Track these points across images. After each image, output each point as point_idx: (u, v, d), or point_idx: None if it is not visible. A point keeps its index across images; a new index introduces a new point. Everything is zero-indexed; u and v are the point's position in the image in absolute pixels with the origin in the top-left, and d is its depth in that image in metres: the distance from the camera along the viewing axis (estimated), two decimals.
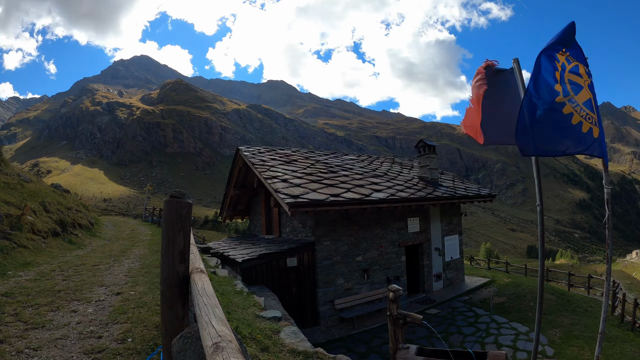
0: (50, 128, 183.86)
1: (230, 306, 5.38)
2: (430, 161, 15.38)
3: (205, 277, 2.10)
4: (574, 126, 3.15)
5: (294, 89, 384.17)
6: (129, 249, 10.29)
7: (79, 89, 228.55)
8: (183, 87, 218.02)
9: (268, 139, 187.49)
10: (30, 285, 5.27)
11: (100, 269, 7.07)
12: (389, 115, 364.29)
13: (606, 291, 3.83)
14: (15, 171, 13.14)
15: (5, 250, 6.90)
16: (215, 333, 1.29)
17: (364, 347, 9.20)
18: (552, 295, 13.31)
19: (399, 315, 4.66)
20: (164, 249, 2.05)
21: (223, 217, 16.50)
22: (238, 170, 14.22)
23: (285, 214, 12.33)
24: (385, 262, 12.39)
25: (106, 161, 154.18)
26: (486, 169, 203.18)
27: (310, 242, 10.79)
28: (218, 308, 1.59)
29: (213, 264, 9.42)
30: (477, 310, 11.79)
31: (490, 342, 9.24)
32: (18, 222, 8.16)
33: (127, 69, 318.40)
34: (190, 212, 2.11)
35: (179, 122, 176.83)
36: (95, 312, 4.37)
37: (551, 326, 10.21)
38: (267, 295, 8.29)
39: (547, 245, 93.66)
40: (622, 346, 9.09)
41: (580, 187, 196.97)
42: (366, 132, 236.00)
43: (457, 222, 15.55)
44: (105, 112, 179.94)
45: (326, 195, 10.16)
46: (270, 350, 3.95)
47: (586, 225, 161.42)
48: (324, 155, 15.88)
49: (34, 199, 10.50)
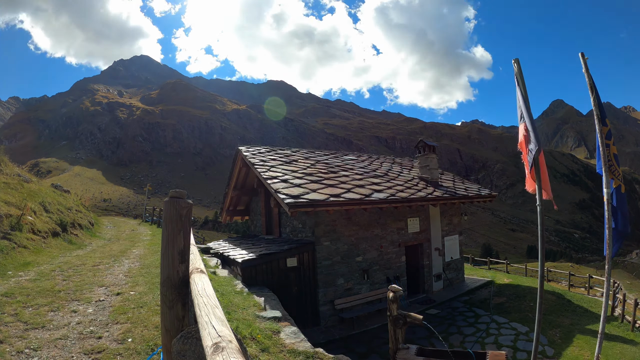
0: (51, 128, 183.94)
1: (230, 306, 5.38)
2: (430, 161, 15.38)
3: (205, 277, 2.10)
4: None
5: (294, 89, 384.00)
6: (128, 249, 10.29)
7: (79, 89, 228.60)
8: (183, 87, 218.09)
9: (268, 139, 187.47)
10: (30, 286, 5.27)
11: (100, 269, 7.07)
12: (389, 116, 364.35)
13: (606, 291, 3.84)
14: (15, 171, 13.13)
15: (5, 250, 6.90)
16: (215, 333, 1.29)
17: (364, 347, 9.20)
18: (552, 295, 13.31)
19: (399, 316, 4.66)
20: (163, 249, 2.05)
21: (223, 217, 16.49)
22: (238, 171, 14.21)
23: (285, 214, 12.33)
24: (385, 263, 12.38)
25: (106, 161, 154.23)
26: (486, 169, 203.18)
27: (310, 242, 10.78)
28: (218, 308, 1.59)
29: (213, 264, 9.42)
30: (477, 310, 11.78)
31: (490, 342, 9.24)
32: (18, 222, 8.16)
33: (127, 69, 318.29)
34: (190, 213, 2.11)
35: (178, 122, 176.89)
36: (95, 312, 4.37)
37: (551, 326, 10.21)
38: (267, 295, 8.29)
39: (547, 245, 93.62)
40: (622, 346, 9.09)
41: (580, 187, 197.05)
42: (366, 132, 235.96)
43: (457, 222, 15.54)
44: (105, 112, 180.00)
45: (326, 195, 10.15)
46: (270, 350, 3.95)
47: (586, 226, 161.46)
48: (324, 155, 15.88)
49: (34, 199, 10.50)
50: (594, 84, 3.97)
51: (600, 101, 4.01)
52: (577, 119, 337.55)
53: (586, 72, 3.94)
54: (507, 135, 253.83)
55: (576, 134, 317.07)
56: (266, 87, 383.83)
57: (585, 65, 3.94)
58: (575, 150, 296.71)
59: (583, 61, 3.97)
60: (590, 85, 3.96)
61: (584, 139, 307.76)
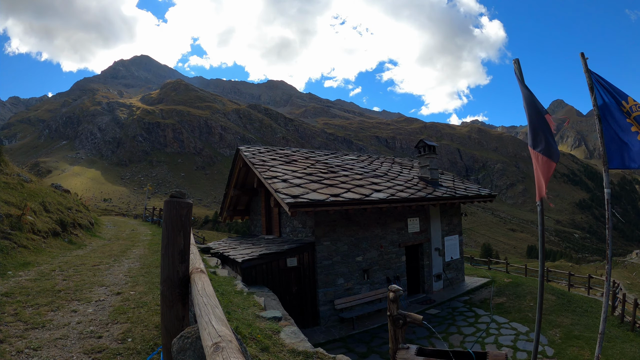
0: (51, 128, 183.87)
1: (230, 306, 5.38)
2: (431, 161, 15.39)
3: (205, 277, 2.10)
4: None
5: (294, 89, 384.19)
6: (129, 249, 10.30)
7: (79, 89, 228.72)
8: (183, 87, 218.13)
9: (268, 139, 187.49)
10: (30, 285, 5.27)
11: (100, 269, 7.07)
12: (389, 116, 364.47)
13: (606, 291, 3.84)
14: (16, 171, 13.13)
15: (5, 250, 6.90)
16: (216, 333, 1.29)
17: (364, 347, 9.20)
18: (552, 295, 13.31)
19: (399, 316, 4.66)
20: (164, 249, 2.05)
21: (223, 217, 16.50)
22: (238, 170, 14.22)
23: (285, 214, 12.33)
24: (386, 262, 12.38)
25: (106, 161, 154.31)
26: (486, 169, 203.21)
27: (310, 242, 10.78)
28: (218, 308, 1.59)
29: (213, 264, 9.42)
30: (477, 310, 11.78)
31: (490, 342, 9.24)
32: (18, 222, 8.17)
33: (127, 69, 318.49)
34: (190, 212, 2.11)
35: (179, 122, 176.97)
36: (96, 312, 4.38)
37: (551, 326, 10.21)
38: (267, 295, 8.29)
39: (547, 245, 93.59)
40: (622, 346, 9.09)
41: (580, 187, 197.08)
42: (366, 132, 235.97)
43: (457, 222, 15.54)
44: (106, 112, 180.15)
45: (326, 195, 10.16)
46: (270, 350, 3.95)
47: (586, 225, 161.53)
48: (324, 155, 15.88)
49: (34, 199, 10.50)
50: (594, 84, 3.98)
51: (614, 89, 3.99)
52: (577, 119, 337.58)
53: (586, 72, 3.95)
54: (508, 136, 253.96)
55: (576, 134, 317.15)
56: (266, 86, 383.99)
57: (586, 65, 3.95)
58: (575, 150, 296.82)
59: (583, 61, 3.98)
60: (590, 86, 3.97)
61: (584, 139, 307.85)
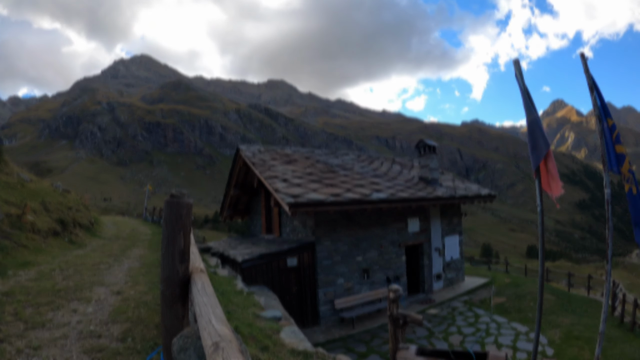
0: (51, 127, 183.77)
1: (230, 306, 5.37)
2: (431, 161, 15.36)
3: (205, 276, 2.10)
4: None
5: (294, 88, 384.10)
6: (129, 249, 10.30)
7: (80, 88, 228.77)
8: (183, 86, 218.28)
9: (268, 138, 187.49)
10: (30, 285, 5.27)
11: (100, 268, 7.07)
12: (389, 116, 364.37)
13: (606, 291, 3.84)
14: (16, 171, 13.13)
15: (5, 250, 6.90)
16: (216, 333, 1.29)
17: (364, 347, 9.20)
18: (552, 295, 13.31)
19: (399, 315, 4.66)
20: (164, 248, 2.05)
21: (223, 217, 16.50)
22: (238, 170, 14.22)
23: (285, 213, 12.33)
24: (386, 262, 12.38)
25: (106, 161, 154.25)
26: (486, 169, 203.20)
27: (311, 242, 10.79)
28: (218, 308, 1.59)
29: (213, 264, 9.43)
30: (477, 310, 11.78)
31: (490, 342, 9.24)
32: (18, 221, 8.17)
33: (127, 68, 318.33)
34: (190, 212, 2.11)
35: (179, 121, 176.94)
36: (95, 311, 4.38)
37: (551, 326, 10.20)
38: (267, 295, 8.30)
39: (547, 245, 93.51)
40: (622, 346, 9.08)
41: (580, 187, 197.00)
42: (366, 132, 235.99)
43: (457, 222, 15.54)
44: (106, 112, 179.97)
45: (326, 195, 10.16)
46: (270, 350, 3.95)
47: (586, 226, 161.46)
48: (324, 155, 15.88)
49: (34, 199, 10.50)
50: (594, 84, 3.98)
51: (602, 99, 4.02)
52: (577, 118, 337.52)
53: (586, 72, 3.95)
54: (508, 136, 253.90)
55: (576, 134, 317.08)
56: (266, 86, 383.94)
57: (585, 65, 3.95)
58: (575, 150, 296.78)
59: (583, 61, 3.98)
60: (590, 85, 3.97)
61: (584, 139, 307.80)
